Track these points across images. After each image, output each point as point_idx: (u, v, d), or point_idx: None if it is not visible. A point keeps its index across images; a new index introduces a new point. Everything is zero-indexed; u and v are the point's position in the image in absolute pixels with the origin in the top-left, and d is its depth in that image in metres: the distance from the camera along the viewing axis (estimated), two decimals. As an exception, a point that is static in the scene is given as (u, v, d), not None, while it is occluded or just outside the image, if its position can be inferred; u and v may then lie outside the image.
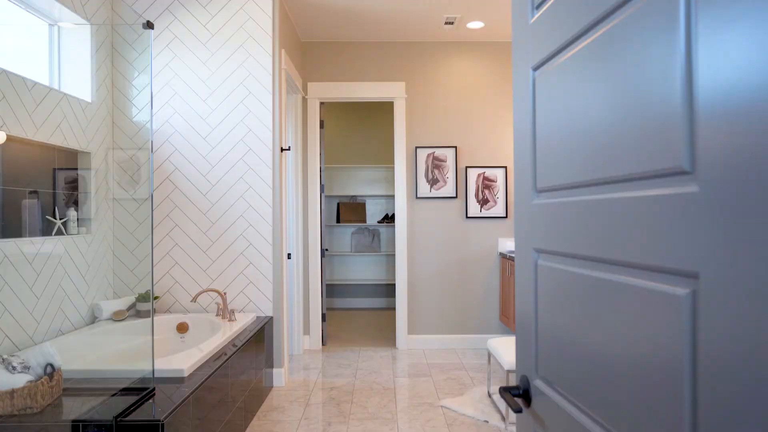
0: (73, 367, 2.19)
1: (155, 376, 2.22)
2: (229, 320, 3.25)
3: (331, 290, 6.61)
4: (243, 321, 3.25)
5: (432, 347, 4.67)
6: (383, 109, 6.54)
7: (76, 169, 3.13)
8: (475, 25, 4.28)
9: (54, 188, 2.94)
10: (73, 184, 3.10)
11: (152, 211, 3.39)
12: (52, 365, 1.93)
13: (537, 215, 0.96)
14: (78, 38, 3.21)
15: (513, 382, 3.65)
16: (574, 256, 0.81)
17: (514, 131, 1.06)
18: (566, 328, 0.84)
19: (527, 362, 1.01)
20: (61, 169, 2.99)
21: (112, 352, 2.91)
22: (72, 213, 3.01)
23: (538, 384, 0.96)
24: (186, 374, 2.27)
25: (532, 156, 0.97)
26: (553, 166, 0.88)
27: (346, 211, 6.44)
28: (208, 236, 3.58)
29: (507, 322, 4.41)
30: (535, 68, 0.96)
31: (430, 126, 4.67)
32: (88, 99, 3.19)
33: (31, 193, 2.79)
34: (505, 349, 3.06)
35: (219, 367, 2.48)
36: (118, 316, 3.21)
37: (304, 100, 4.64)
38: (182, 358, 2.39)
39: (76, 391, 2.07)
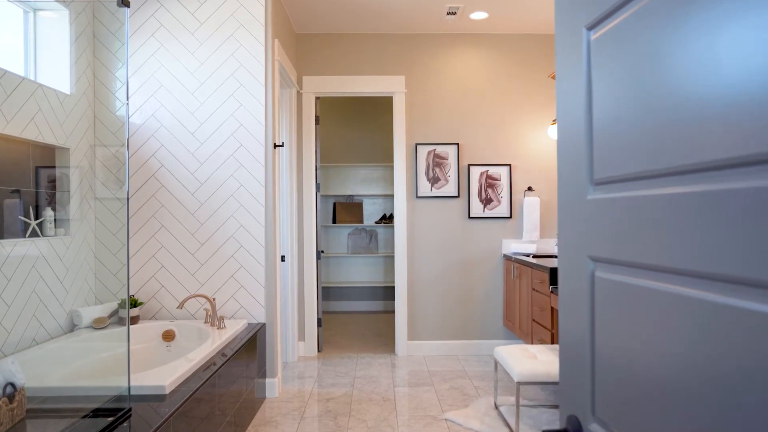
0: (41, 384, 1.97)
1: (134, 393, 2.00)
2: (218, 328, 3.04)
3: (327, 293, 6.39)
4: (233, 328, 3.03)
5: (433, 353, 4.46)
6: (382, 105, 6.33)
7: (54, 166, 2.91)
8: (479, 15, 4.08)
9: (37, 187, 2.73)
10: (51, 182, 2.88)
11: (128, 213, 3.18)
12: (13, 384, 1.71)
13: (594, 214, 0.75)
14: (56, 25, 2.99)
15: (524, 394, 3.44)
16: (658, 269, 0.60)
17: (557, 110, 0.86)
18: (645, 361, 0.64)
19: (577, 399, 0.81)
20: (41, 167, 2.78)
21: (89, 365, 2.69)
22: (48, 213, 2.79)
23: (594, 429, 0.76)
24: (167, 391, 2.06)
25: (586, 138, 0.77)
26: (622, 150, 0.67)
27: (343, 211, 6.22)
28: (196, 238, 3.35)
29: (511, 327, 4.21)
30: (591, 27, 0.76)
31: (431, 122, 4.46)
32: (67, 90, 2.97)
33: (12, 192, 2.58)
34: (514, 358, 2.85)
35: (206, 380, 2.27)
36: (98, 324, 2.99)
37: (299, 95, 4.42)
38: (164, 372, 2.17)
39: (42, 412, 1.85)
